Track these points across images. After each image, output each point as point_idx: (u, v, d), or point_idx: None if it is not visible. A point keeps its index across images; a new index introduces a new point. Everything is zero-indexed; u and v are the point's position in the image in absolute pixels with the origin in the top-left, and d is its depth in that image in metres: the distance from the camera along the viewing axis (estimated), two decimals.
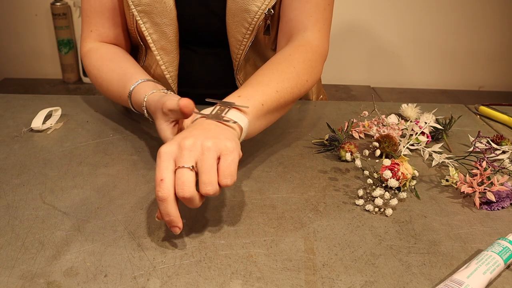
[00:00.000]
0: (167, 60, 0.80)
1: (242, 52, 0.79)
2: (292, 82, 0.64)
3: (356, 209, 0.56)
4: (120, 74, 0.72)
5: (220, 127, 0.51)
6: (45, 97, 0.86)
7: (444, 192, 0.61)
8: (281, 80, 0.62)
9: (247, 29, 0.76)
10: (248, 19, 0.75)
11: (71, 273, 0.45)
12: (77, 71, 2.34)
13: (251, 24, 0.75)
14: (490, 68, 2.46)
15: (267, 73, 0.64)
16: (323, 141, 0.71)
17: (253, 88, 0.59)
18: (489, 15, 2.32)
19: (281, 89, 0.61)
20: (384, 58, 2.42)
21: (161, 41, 0.78)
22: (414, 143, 0.71)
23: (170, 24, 0.77)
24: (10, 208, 0.54)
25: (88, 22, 0.80)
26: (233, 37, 0.78)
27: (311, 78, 0.68)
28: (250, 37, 0.76)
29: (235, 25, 0.76)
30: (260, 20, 0.74)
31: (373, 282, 0.45)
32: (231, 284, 0.44)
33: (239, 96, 0.57)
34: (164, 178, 0.45)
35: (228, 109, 0.54)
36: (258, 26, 0.75)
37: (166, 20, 0.76)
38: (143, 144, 0.70)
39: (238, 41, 0.78)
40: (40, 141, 0.70)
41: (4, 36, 2.31)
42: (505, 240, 0.48)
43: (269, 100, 0.59)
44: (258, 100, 0.57)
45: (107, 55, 0.77)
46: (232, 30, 0.77)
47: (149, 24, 0.76)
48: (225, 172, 0.46)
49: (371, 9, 2.29)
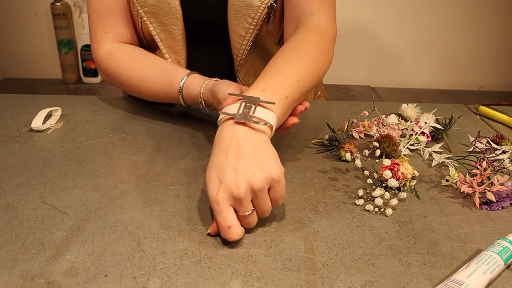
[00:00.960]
0: (174, 59, 0.80)
1: (244, 47, 0.78)
2: (311, 69, 0.63)
3: (356, 209, 0.56)
4: (161, 71, 0.72)
5: (258, 147, 0.51)
6: (45, 97, 0.86)
7: (444, 192, 0.61)
8: (301, 68, 0.62)
9: (250, 24, 0.76)
10: (251, 14, 0.74)
11: (71, 273, 0.45)
12: (77, 71, 2.34)
13: (254, 18, 0.75)
14: (490, 68, 2.46)
15: (287, 60, 0.63)
16: (323, 141, 0.71)
17: (276, 80, 0.58)
18: (489, 15, 2.32)
19: (301, 78, 0.61)
20: (384, 58, 2.42)
21: (168, 41, 0.78)
22: (414, 143, 0.71)
23: (175, 24, 0.77)
24: (10, 208, 0.54)
25: (102, 23, 0.77)
26: (235, 33, 0.78)
27: (326, 62, 0.68)
28: (254, 31, 0.76)
29: (238, 21, 0.76)
30: (264, 14, 0.74)
31: (373, 282, 0.45)
32: (231, 284, 0.44)
33: (264, 91, 0.56)
34: (232, 225, 0.48)
35: (255, 107, 0.53)
36: (261, 20, 0.75)
37: (172, 20, 0.76)
38: (143, 144, 0.70)
39: (240, 37, 0.77)
40: (40, 141, 0.70)
41: (4, 36, 2.31)
42: (505, 240, 0.48)
43: (293, 92, 0.58)
44: (282, 94, 0.57)
45: (135, 54, 0.76)
46: (234, 26, 0.77)
47: (156, 24, 0.77)
48: (277, 200, 0.51)
49: (371, 10, 2.29)
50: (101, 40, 0.78)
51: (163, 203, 0.56)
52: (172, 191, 0.59)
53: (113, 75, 0.77)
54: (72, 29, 2.27)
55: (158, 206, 0.55)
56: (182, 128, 0.76)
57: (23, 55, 2.37)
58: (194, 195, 0.58)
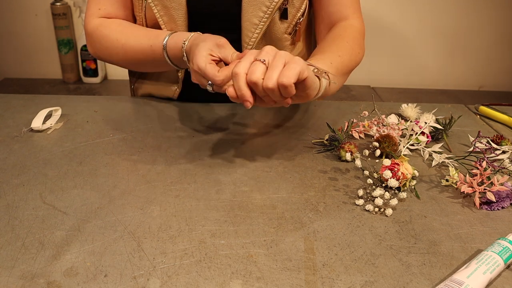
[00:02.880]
0: None
1: (257, 35, 0.79)
2: (349, 52, 0.76)
3: (356, 209, 0.56)
4: (149, 30, 0.77)
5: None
6: (45, 97, 0.86)
7: (444, 192, 0.61)
8: (340, 49, 0.75)
9: (265, 13, 0.77)
10: (266, 3, 0.76)
11: (71, 273, 0.45)
12: (77, 71, 2.34)
13: (269, 7, 0.76)
14: (490, 68, 2.46)
15: (327, 45, 0.76)
16: (323, 141, 0.71)
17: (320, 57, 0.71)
18: (489, 15, 2.32)
19: (342, 55, 0.74)
20: (384, 58, 2.42)
21: (171, 24, 0.79)
22: (414, 143, 0.71)
23: (178, 8, 0.77)
24: (10, 208, 0.54)
25: (97, 0, 0.81)
26: (248, 21, 0.78)
27: (361, 51, 0.81)
28: (268, 20, 0.77)
29: (253, 9, 0.77)
30: (279, 4, 0.76)
31: (373, 282, 0.45)
32: (231, 284, 0.44)
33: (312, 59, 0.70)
34: (242, 61, 0.56)
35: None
36: (276, 9, 0.77)
37: (175, 4, 0.77)
38: (143, 144, 0.70)
39: (254, 25, 0.78)
40: (40, 141, 0.70)
41: (4, 36, 2.31)
42: (505, 240, 0.48)
43: (335, 62, 0.71)
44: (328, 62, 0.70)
45: (126, 23, 0.81)
46: (248, 14, 0.78)
47: (160, 7, 0.78)
48: (284, 72, 0.54)
49: (371, 10, 2.29)
50: (92, 15, 0.82)
51: (163, 203, 0.56)
52: (172, 191, 0.59)
53: (102, 40, 0.80)
54: (72, 29, 2.27)
55: (158, 206, 0.55)
56: (182, 128, 0.76)
57: (23, 55, 2.37)
58: (194, 195, 0.58)
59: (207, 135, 0.74)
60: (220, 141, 0.72)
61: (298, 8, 0.80)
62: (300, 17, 0.81)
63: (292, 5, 0.79)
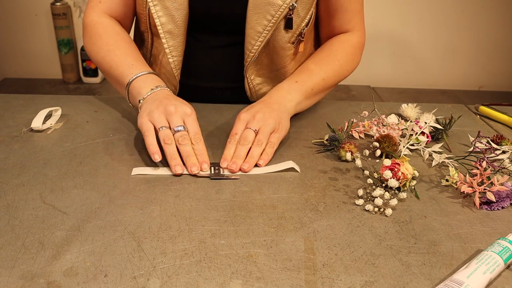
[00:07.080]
0: (172, 44, 0.80)
1: (260, 43, 0.78)
2: (336, 72, 0.82)
3: (356, 209, 0.56)
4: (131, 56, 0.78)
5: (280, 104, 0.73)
6: (45, 97, 0.86)
7: (444, 192, 0.61)
8: (327, 70, 0.81)
9: (269, 22, 0.76)
10: (271, 12, 0.76)
11: (71, 273, 0.45)
12: (77, 71, 2.34)
13: (274, 16, 0.76)
14: (490, 68, 2.46)
15: (318, 63, 0.82)
16: (323, 141, 0.71)
17: (307, 75, 0.80)
18: (489, 15, 2.32)
19: (326, 78, 0.81)
20: (384, 58, 2.42)
21: (169, 25, 0.78)
22: (414, 143, 0.71)
23: (179, 8, 0.77)
24: (10, 208, 0.54)
25: None
26: (252, 29, 0.78)
27: (351, 67, 0.86)
28: (272, 29, 0.77)
29: (257, 17, 0.77)
30: (284, 13, 0.76)
31: (373, 282, 0.45)
32: (231, 284, 0.44)
33: (296, 82, 0.78)
34: (237, 132, 0.68)
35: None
36: (281, 18, 0.76)
37: (176, 4, 0.77)
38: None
39: (257, 33, 0.78)
40: (40, 141, 0.70)
41: (4, 36, 2.31)
42: (505, 240, 0.48)
43: (317, 86, 0.80)
44: (309, 86, 0.79)
45: (122, 34, 0.81)
46: (253, 22, 0.77)
47: (159, 7, 0.77)
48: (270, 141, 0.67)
49: (371, 10, 2.29)
50: (93, 8, 0.83)
51: (163, 203, 0.56)
52: (172, 191, 0.59)
53: (93, 37, 0.81)
54: (72, 29, 2.27)
55: (158, 206, 0.55)
56: None
57: (23, 55, 2.37)
58: (194, 195, 0.58)
59: (206, 135, 0.74)
60: (220, 141, 0.72)
61: (303, 18, 0.79)
62: (305, 27, 0.80)
63: (297, 15, 0.78)
